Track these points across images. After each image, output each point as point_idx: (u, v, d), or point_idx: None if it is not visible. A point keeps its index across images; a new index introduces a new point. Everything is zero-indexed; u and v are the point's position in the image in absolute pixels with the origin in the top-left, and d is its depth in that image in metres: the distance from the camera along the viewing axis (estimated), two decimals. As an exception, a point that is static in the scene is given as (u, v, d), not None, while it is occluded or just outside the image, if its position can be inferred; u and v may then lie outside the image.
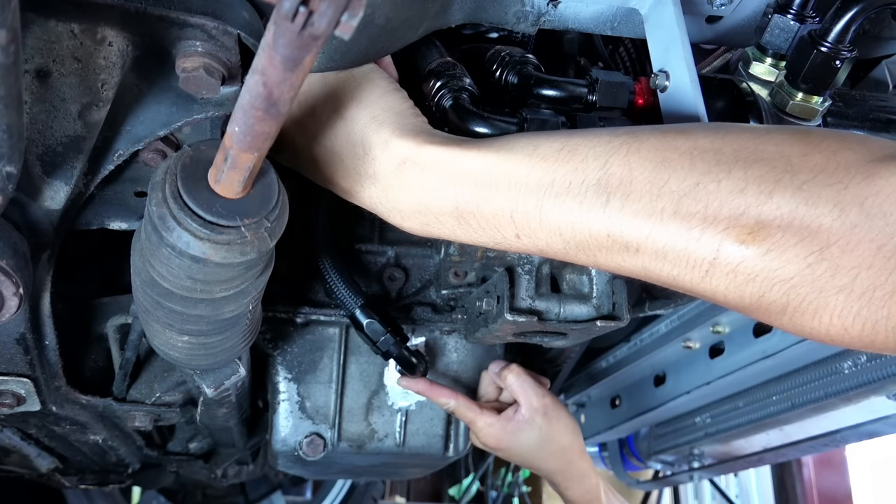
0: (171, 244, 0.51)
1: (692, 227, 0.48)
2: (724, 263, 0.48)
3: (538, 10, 0.72)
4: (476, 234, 0.59)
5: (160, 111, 0.62)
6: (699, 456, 1.78)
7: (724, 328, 1.38)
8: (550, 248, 0.56)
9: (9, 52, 0.39)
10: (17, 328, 0.70)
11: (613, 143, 0.53)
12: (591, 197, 0.52)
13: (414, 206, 0.59)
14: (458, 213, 0.58)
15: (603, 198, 0.51)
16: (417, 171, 0.58)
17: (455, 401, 1.07)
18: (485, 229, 0.58)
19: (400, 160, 0.59)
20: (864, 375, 1.17)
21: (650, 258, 0.51)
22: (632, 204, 0.50)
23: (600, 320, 0.87)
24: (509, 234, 0.57)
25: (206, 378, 0.81)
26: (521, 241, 0.57)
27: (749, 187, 0.47)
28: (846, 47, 0.66)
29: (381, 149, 0.59)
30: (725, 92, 0.73)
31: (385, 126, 0.60)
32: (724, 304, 0.51)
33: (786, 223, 0.46)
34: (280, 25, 0.34)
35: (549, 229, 0.54)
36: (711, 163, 0.49)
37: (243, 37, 0.57)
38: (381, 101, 0.62)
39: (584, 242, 0.54)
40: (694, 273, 0.50)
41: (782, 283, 0.47)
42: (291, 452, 1.12)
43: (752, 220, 0.47)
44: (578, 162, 0.53)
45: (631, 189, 0.50)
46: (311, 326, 1.12)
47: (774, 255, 0.46)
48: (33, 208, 0.61)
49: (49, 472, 1.24)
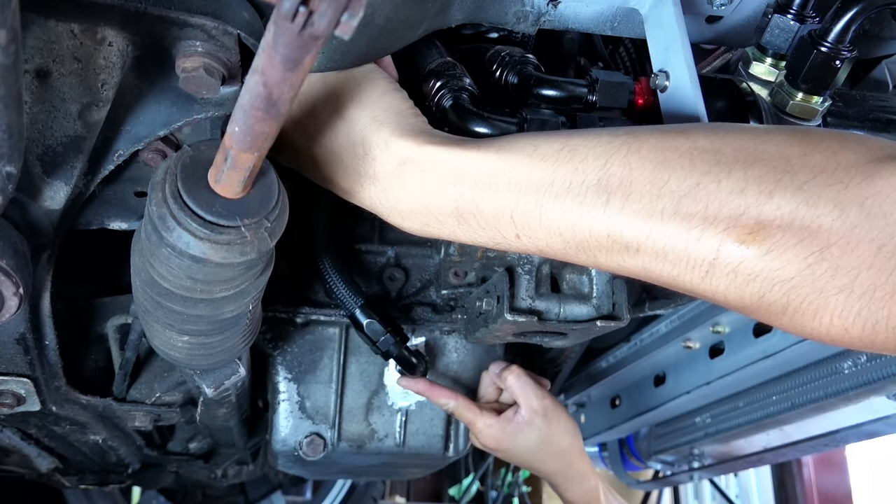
0: (171, 244, 0.51)
1: (692, 227, 0.48)
2: (724, 264, 0.48)
3: (538, 10, 0.72)
4: (476, 235, 0.59)
5: (160, 111, 0.62)
6: (699, 456, 1.78)
7: (724, 328, 1.38)
8: (550, 248, 0.56)
9: (9, 52, 0.39)
10: (17, 328, 0.70)
11: (613, 144, 0.53)
12: (591, 197, 0.52)
13: (414, 207, 0.59)
14: (458, 214, 0.58)
15: (603, 198, 0.51)
16: (417, 171, 0.58)
17: (455, 401, 1.07)
18: (485, 229, 0.58)
19: (400, 160, 0.59)
20: (864, 375, 1.17)
21: (650, 258, 0.51)
22: (632, 204, 0.50)
23: (600, 320, 0.87)
24: (509, 235, 0.57)
25: (206, 378, 0.81)
26: (521, 242, 0.57)
27: (749, 187, 0.47)
28: (846, 47, 0.66)
29: (381, 149, 0.59)
30: (725, 92, 0.73)
31: (385, 126, 0.60)
32: (725, 304, 0.51)
33: (786, 223, 0.46)
34: (280, 25, 0.34)
35: (549, 229, 0.54)
36: (711, 163, 0.49)
37: (243, 37, 0.57)
38: (381, 101, 0.62)
39: (584, 242, 0.54)
40: (694, 273, 0.50)
41: (782, 284, 0.47)
42: (291, 452, 1.12)
43: (752, 221, 0.47)
44: (578, 162, 0.53)
45: (631, 189, 0.50)
46: (311, 326, 1.12)
47: (775, 256, 0.46)
48: (33, 208, 0.61)
49: (49, 472, 1.24)
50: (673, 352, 1.54)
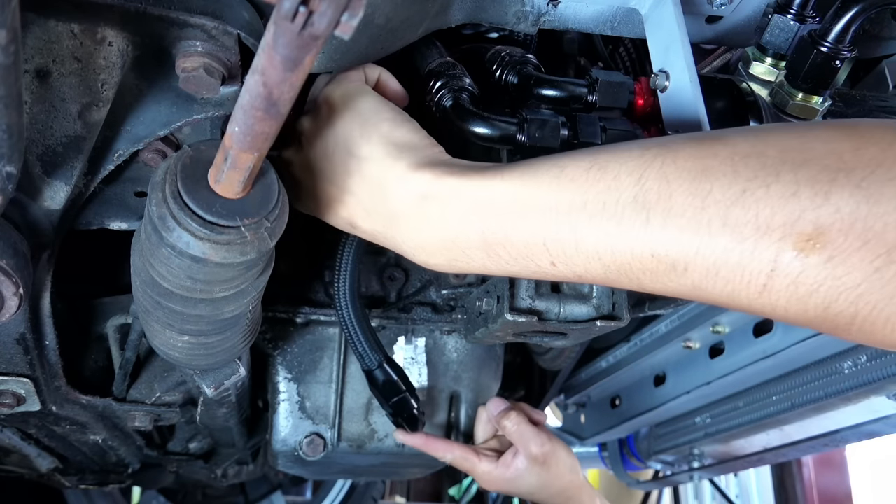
0: (171, 244, 0.51)
1: (745, 238, 0.44)
2: (783, 275, 0.44)
3: (538, 10, 0.72)
4: (508, 266, 0.56)
5: (160, 111, 0.62)
6: (699, 456, 1.78)
7: (724, 328, 1.38)
8: (589, 273, 0.52)
9: (9, 52, 0.39)
10: (17, 328, 0.70)
11: (646, 156, 0.49)
12: (629, 216, 0.48)
13: (438, 242, 0.57)
14: (486, 245, 0.55)
15: (642, 215, 0.47)
16: (438, 204, 0.56)
17: (451, 454, 1.09)
18: (517, 259, 0.55)
19: (419, 195, 0.56)
20: (864, 375, 1.17)
21: (701, 276, 0.47)
22: (675, 219, 0.46)
23: (600, 320, 0.87)
24: (544, 263, 0.54)
25: (206, 378, 0.81)
26: (557, 269, 0.53)
27: (802, 190, 0.43)
28: (846, 47, 0.66)
29: (397, 185, 0.57)
30: (725, 92, 0.73)
31: (400, 160, 0.58)
32: (785, 319, 0.47)
33: (847, 226, 0.42)
34: (280, 25, 0.34)
35: (587, 254, 0.51)
36: (756, 167, 0.45)
37: (243, 37, 0.57)
38: (392, 135, 0.60)
39: (625, 266, 0.50)
40: (751, 289, 0.46)
41: (849, 292, 0.43)
42: (291, 452, 1.12)
43: (809, 226, 0.43)
44: (611, 180, 0.49)
45: (671, 203, 0.46)
46: (311, 326, 1.12)
47: (838, 262, 0.42)
48: (33, 208, 0.61)
49: (49, 472, 1.24)
50: (673, 352, 1.54)
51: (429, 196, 0.56)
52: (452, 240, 0.56)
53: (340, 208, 0.63)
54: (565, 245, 0.51)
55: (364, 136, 0.60)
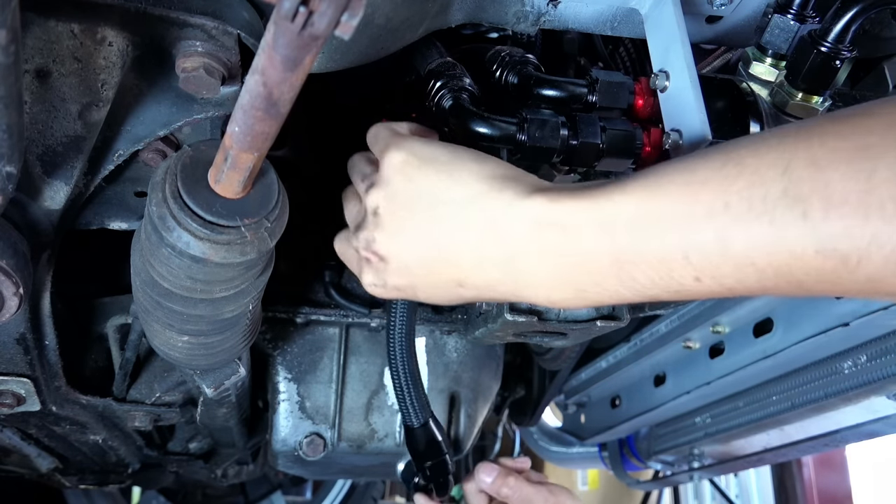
0: (171, 244, 0.51)
1: None
2: None
3: (538, 10, 0.72)
4: (645, 288, 0.50)
5: (160, 111, 0.62)
6: (699, 456, 1.78)
7: (724, 328, 1.38)
8: (742, 284, 0.47)
9: (9, 52, 0.39)
10: (17, 328, 0.70)
11: (786, 144, 0.44)
12: (781, 212, 0.43)
13: (565, 273, 0.52)
14: (618, 268, 0.49)
15: (798, 209, 0.42)
16: (559, 230, 0.51)
17: None
18: (653, 281, 0.49)
19: (535, 223, 0.52)
20: (864, 375, 1.17)
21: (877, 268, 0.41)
22: (838, 207, 0.41)
23: (600, 320, 0.87)
24: (687, 279, 0.48)
25: (206, 378, 0.81)
26: (702, 285, 0.48)
27: None
28: (846, 47, 0.66)
29: (509, 217, 0.52)
30: (725, 92, 0.73)
31: (504, 192, 0.53)
32: None
33: None
34: (280, 25, 0.34)
35: (737, 262, 0.45)
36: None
37: (243, 37, 0.57)
38: (484, 169, 0.55)
39: (784, 268, 0.44)
40: None
41: None
42: (291, 452, 1.12)
43: None
44: (751, 174, 0.44)
45: (830, 191, 0.41)
46: (311, 326, 1.12)
47: None
48: (33, 208, 0.61)
49: (49, 472, 1.24)
50: (673, 352, 1.54)
51: (547, 222, 0.51)
52: (579, 266, 0.51)
53: (442, 269, 0.57)
54: (710, 255, 0.46)
55: (453, 179, 0.55)
